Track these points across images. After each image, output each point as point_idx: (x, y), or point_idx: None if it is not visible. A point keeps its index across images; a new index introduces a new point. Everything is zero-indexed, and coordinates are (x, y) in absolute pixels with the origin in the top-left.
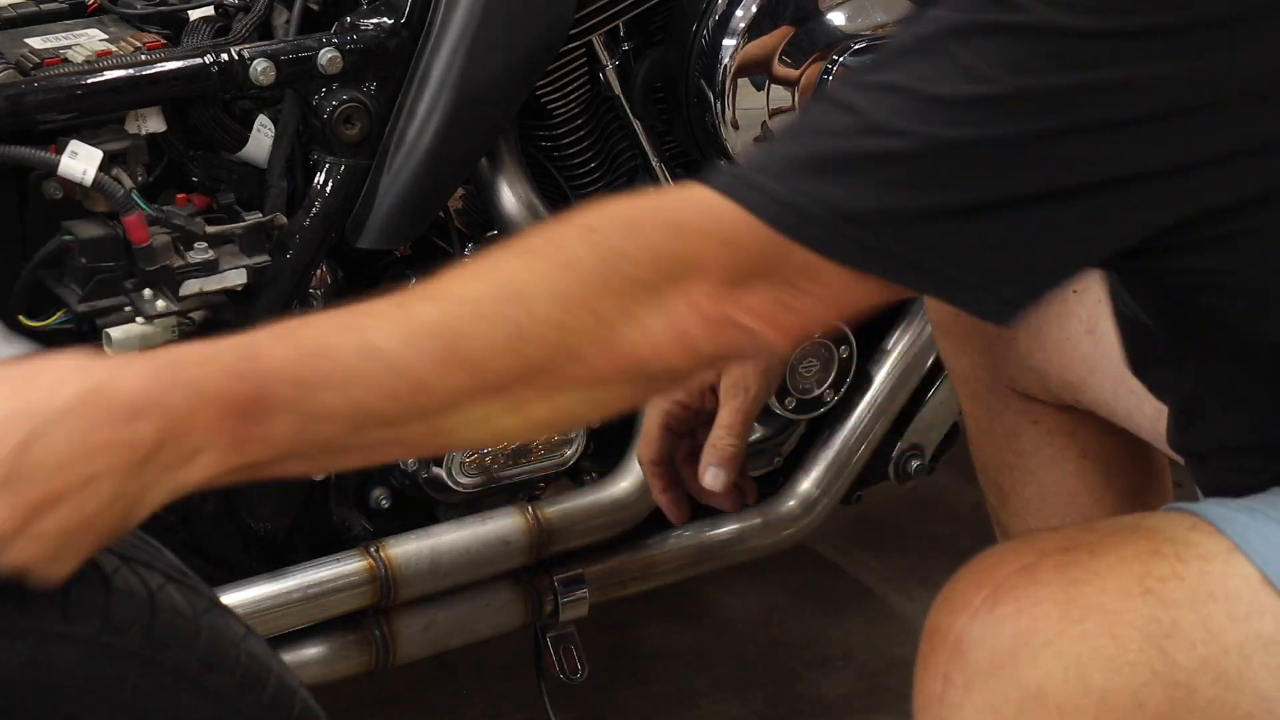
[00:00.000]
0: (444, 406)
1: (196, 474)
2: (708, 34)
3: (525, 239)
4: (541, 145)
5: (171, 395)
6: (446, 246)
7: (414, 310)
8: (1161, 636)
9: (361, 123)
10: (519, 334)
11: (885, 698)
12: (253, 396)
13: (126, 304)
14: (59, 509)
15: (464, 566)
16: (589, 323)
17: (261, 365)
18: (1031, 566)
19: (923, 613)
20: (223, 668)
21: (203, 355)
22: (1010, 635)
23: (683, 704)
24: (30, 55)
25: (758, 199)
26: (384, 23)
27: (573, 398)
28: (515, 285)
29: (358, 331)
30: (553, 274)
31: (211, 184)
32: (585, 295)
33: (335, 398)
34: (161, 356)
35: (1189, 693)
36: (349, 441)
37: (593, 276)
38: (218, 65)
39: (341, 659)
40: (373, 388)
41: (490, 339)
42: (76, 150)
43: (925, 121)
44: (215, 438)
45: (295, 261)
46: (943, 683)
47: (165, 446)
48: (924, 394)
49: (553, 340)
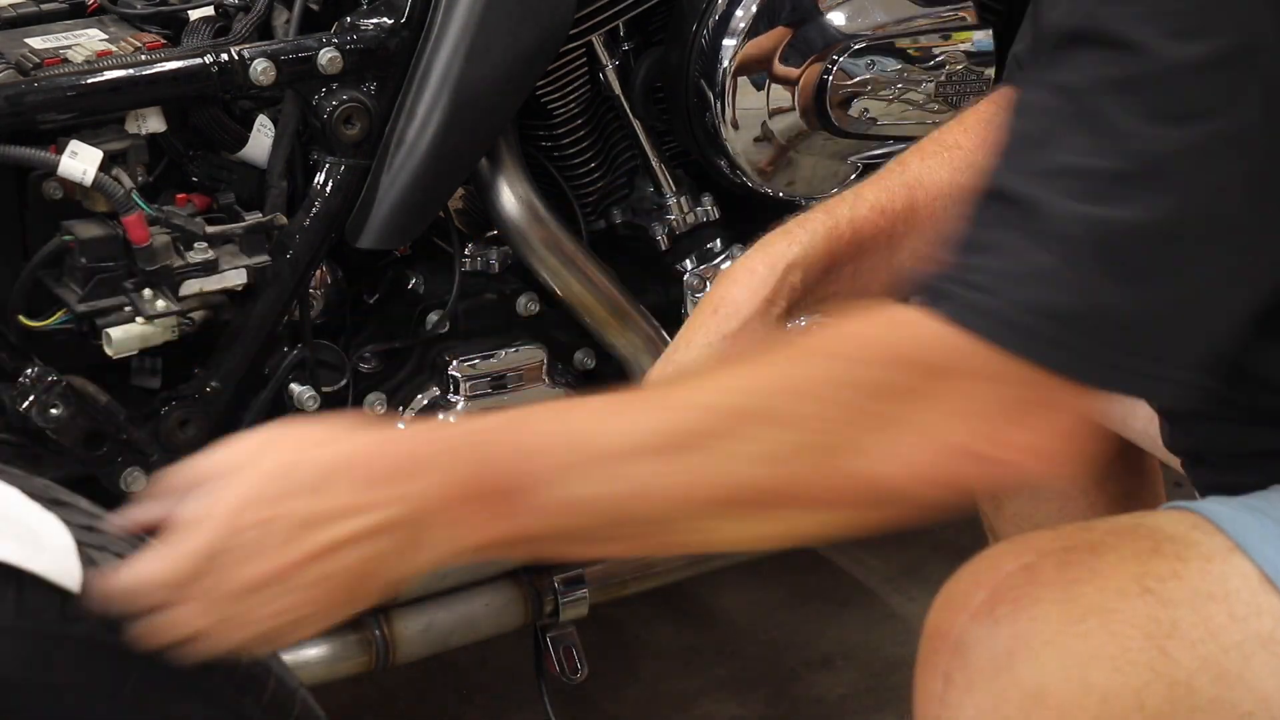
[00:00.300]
0: (690, 515)
1: (443, 549)
2: (708, 34)
3: (780, 355)
4: (541, 145)
5: (426, 475)
6: (446, 246)
7: (678, 417)
8: (1162, 636)
9: (361, 123)
10: (773, 456)
11: (885, 698)
12: (509, 481)
13: (126, 304)
14: (315, 565)
15: (464, 566)
16: (845, 452)
17: (524, 453)
18: (1031, 566)
19: (923, 613)
20: (222, 668)
21: (474, 430)
22: (1010, 635)
23: (683, 704)
24: (30, 55)
25: (989, 325)
26: (384, 23)
27: (819, 517)
28: (771, 406)
29: (619, 424)
30: (803, 403)
31: (211, 184)
32: (838, 426)
33: (590, 491)
34: (425, 429)
35: (1189, 692)
36: (602, 534)
37: (845, 408)
38: (218, 65)
39: (341, 659)
40: (635, 478)
41: (747, 457)
42: (76, 150)
43: (1113, 202)
44: (465, 518)
45: (295, 261)
46: (943, 682)
47: (409, 523)
48: None
49: (806, 464)
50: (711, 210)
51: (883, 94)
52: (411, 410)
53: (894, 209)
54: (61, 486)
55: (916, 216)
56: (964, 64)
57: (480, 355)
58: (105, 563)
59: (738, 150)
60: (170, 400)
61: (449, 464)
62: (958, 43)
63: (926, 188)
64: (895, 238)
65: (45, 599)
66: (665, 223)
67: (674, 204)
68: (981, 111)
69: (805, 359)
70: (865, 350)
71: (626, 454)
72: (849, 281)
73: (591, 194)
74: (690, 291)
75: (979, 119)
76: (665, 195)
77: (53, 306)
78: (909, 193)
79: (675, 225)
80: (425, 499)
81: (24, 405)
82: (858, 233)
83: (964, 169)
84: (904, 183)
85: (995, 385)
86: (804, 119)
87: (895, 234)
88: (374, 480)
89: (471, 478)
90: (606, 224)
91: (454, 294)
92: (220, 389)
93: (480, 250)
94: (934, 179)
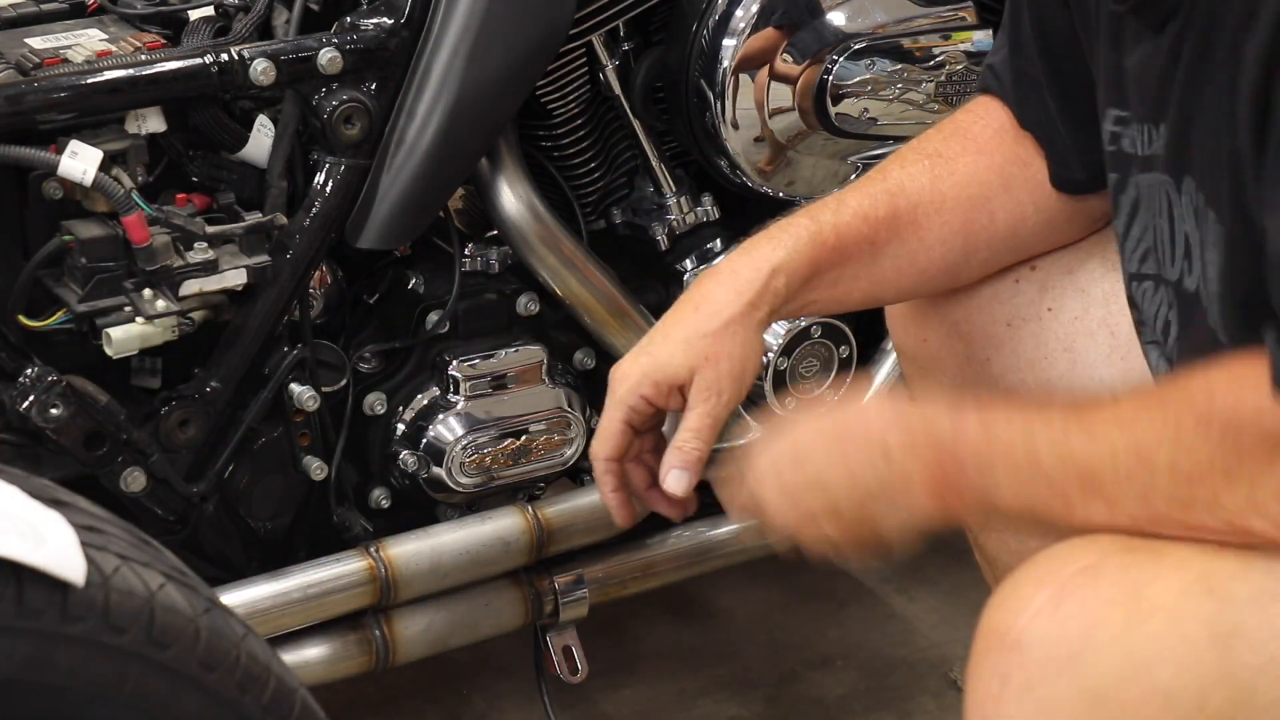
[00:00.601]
0: (1084, 522)
1: (916, 500)
2: (708, 34)
3: (1156, 399)
4: (541, 145)
5: (896, 439)
6: (446, 246)
7: (1073, 439)
8: (1227, 635)
9: (361, 123)
10: (1143, 493)
11: (885, 698)
12: (950, 460)
13: (126, 304)
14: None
15: (464, 566)
16: (1207, 501)
17: (959, 446)
18: (1094, 567)
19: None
20: (223, 668)
21: (927, 416)
22: (1075, 634)
23: (683, 704)
24: (30, 55)
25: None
26: (384, 23)
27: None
28: (1146, 451)
29: (1029, 443)
30: (1175, 455)
31: (211, 184)
32: (1203, 484)
33: (1005, 490)
34: (900, 411)
35: (1251, 694)
36: (1019, 525)
37: (1213, 470)
38: (218, 65)
39: (341, 659)
40: (1032, 489)
41: (1123, 488)
42: (76, 150)
43: None
44: (926, 494)
45: (295, 261)
46: (1000, 683)
47: (887, 485)
48: None
49: (1173, 507)
50: (711, 210)
51: (882, 94)
52: (411, 410)
53: (876, 215)
54: (61, 486)
55: (898, 223)
56: (964, 64)
57: (480, 355)
58: (105, 561)
59: (738, 150)
60: (170, 400)
61: (920, 449)
62: (958, 43)
63: (908, 194)
64: (877, 245)
65: (47, 597)
66: (665, 223)
67: (674, 204)
68: (960, 120)
69: (1181, 419)
70: (1229, 424)
71: (1031, 459)
72: (830, 288)
73: (591, 194)
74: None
75: (957, 128)
76: (665, 195)
77: (53, 306)
78: (891, 200)
79: (675, 225)
80: (904, 471)
81: (24, 405)
82: (840, 238)
83: (944, 177)
84: (886, 190)
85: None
86: (804, 119)
87: (877, 241)
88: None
89: (932, 462)
90: (606, 224)
91: (454, 294)
92: (220, 389)
93: (480, 250)
94: (915, 186)
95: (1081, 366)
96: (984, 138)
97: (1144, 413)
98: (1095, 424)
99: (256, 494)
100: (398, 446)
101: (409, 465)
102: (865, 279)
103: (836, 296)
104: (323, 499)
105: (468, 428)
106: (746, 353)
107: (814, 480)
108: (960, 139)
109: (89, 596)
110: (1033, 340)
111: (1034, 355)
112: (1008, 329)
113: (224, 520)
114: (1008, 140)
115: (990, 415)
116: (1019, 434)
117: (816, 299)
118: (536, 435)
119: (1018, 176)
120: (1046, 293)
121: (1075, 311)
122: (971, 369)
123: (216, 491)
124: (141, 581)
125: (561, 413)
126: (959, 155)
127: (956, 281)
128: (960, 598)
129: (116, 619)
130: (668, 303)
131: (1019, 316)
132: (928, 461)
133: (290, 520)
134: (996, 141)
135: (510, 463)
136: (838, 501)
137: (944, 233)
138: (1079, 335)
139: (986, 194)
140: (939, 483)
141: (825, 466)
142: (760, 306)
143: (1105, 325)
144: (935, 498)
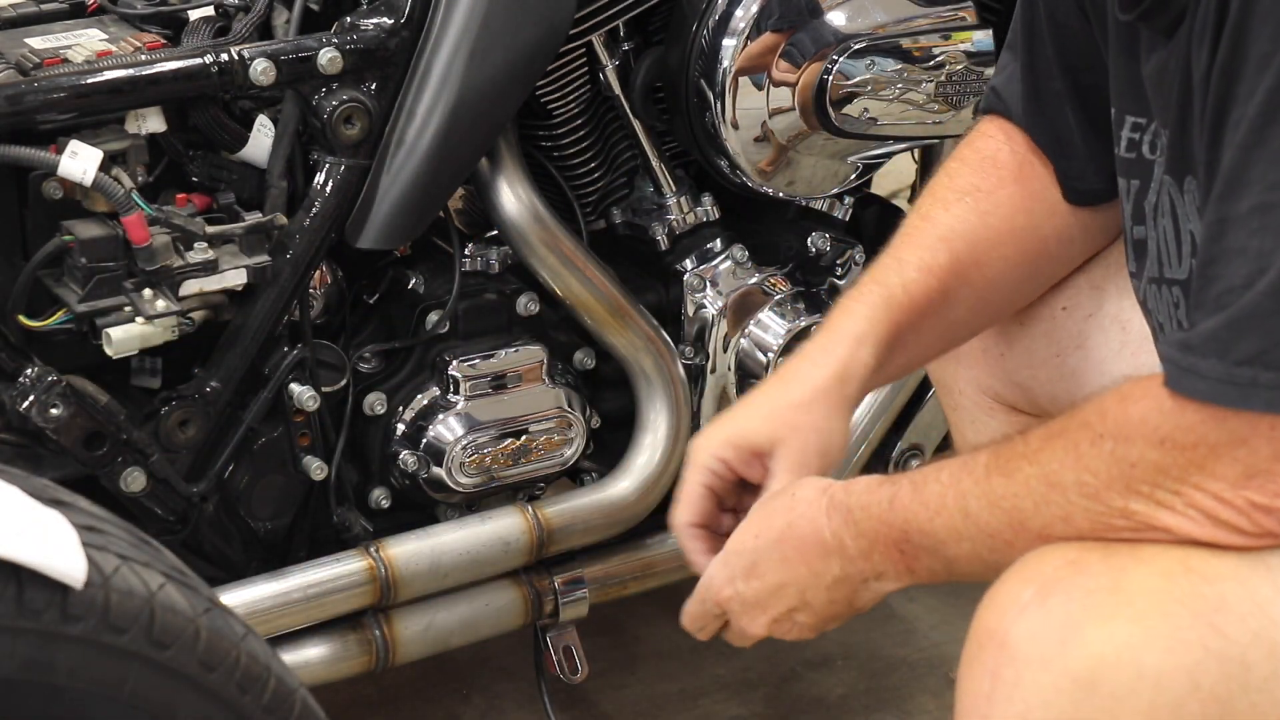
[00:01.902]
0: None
1: (887, 586)
2: (708, 34)
3: (1057, 430)
4: (541, 145)
5: (852, 541)
6: (446, 246)
7: (993, 480)
8: (1210, 611)
9: (361, 123)
10: (1064, 516)
11: (885, 698)
12: (901, 539)
13: (126, 304)
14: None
15: (464, 566)
16: (1121, 510)
17: (901, 517)
18: (1077, 560)
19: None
20: (223, 668)
21: (864, 503)
22: (1061, 625)
23: (683, 704)
24: (30, 55)
25: (1206, 388)
26: (384, 23)
27: None
28: (1054, 477)
29: (959, 498)
30: (1079, 476)
31: (211, 184)
32: (1109, 495)
33: (953, 549)
34: (838, 503)
35: (1245, 669)
36: (982, 572)
37: (1113, 481)
38: (218, 65)
39: (341, 659)
40: (974, 542)
41: (1044, 517)
42: (76, 150)
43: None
44: (888, 566)
45: (295, 261)
46: (991, 680)
47: (851, 576)
48: (923, 394)
49: (1095, 523)
50: (711, 210)
51: (883, 94)
52: (411, 410)
53: (939, 265)
54: (61, 486)
55: (961, 268)
56: (964, 64)
57: (480, 355)
58: (106, 561)
59: (738, 150)
60: (170, 400)
61: (866, 531)
62: (958, 43)
63: (963, 236)
64: (948, 294)
65: (47, 597)
66: (665, 223)
67: (674, 204)
68: (983, 149)
69: (1078, 441)
70: (1126, 433)
71: (966, 515)
72: (913, 348)
73: (591, 194)
74: (690, 291)
75: (983, 158)
76: (665, 195)
77: (53, 306)
78: (948, 246)
79: (675, 225)
80: (856, 556)
81: (24, 405)
82: (912, 297)
83: (990, 211)
84: (939, 236)
85: (1227, 449)
86: (804, 119)
87: (947, 290)
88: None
89: (881, 537)
90: (606, 224)
91: (454, 294)
92: (220, 389)
93: (480, 250)
94: (965, 227)
95: (1094, 361)
96: (1014, 164)
97: (1048, 442)
98: (1009, 461)
99: (256, 494)
100: (398, 446)
101: (409, 465)
102: (942, 328)
103: (919, 354)
104: (323, 499)
105: (468, 428)
106: (833, 426)
107: (776, 587)
108: (993, 169)
109: (89, 596)
110: (1045, 339)
111: (1046, 353)
112: (1021, 327)
113: (224, 520)
114: (1036, 163)
115: (921, 474)
116: (949, 488)
117: (902, 362)
118: (536, 435)
119: (1055, 197)
120: (1061, 292)
121: (1089, 309)
122: (989, 360)
123: (216, 491)
124: (141, 581)
125: (561, 413)
126: (997, 188)
127: (1021, 306)
128: (960, 598)
129: (116, 619)
130: (668, 303)
131: (1032, 316)
132: (884, 544)
133: (290, 520)
134: (1028, 167)
135: (510, 463)
136: (805, 596)
137: (1004, 267)
138: (1092, 332)
139: (1034, 222)
140: (898, 561)
141: (784, 572)
142: (849, 381)
143: (1117, 321)
144: (905, 572)
